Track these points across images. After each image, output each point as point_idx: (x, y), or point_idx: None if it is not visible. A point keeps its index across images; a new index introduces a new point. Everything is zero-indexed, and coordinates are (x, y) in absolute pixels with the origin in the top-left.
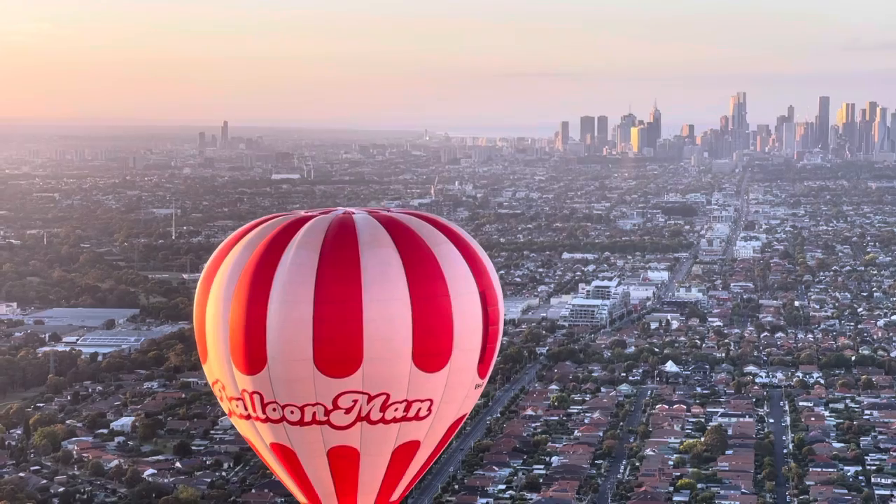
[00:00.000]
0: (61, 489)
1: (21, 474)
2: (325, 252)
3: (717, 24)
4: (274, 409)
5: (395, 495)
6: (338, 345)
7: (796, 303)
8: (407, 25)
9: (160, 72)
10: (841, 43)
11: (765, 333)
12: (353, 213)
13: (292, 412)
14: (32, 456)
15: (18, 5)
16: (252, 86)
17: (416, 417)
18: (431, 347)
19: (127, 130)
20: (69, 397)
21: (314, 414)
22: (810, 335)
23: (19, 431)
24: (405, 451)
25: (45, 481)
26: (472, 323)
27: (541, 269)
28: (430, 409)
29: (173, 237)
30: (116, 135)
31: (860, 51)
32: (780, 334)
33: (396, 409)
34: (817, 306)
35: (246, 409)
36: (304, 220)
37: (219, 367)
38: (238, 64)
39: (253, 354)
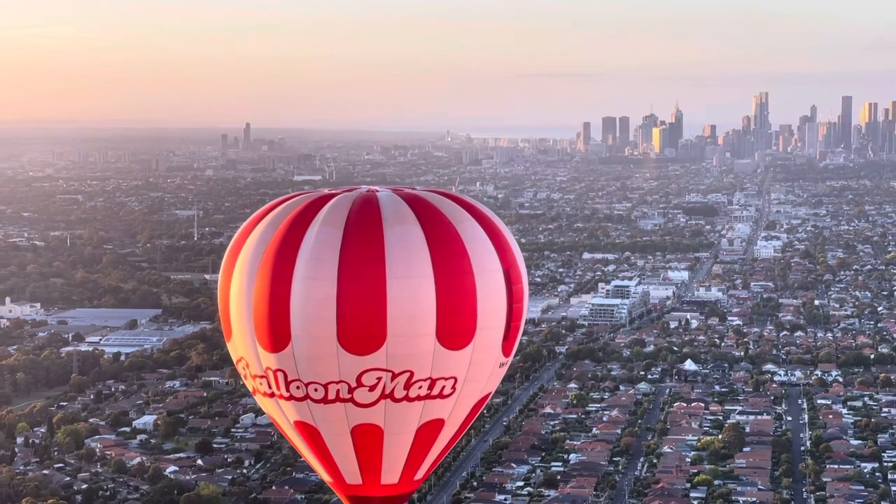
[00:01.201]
0: (84, 486)
1: (45, 471)
2: (349, 229)
3: (740, 24)
4: (298, 387)
5: (420, 474)
6: (361, 322)
7: (816, 302)
8: (429, 26)
9: (183, 74)
10: (864, 42)
11: (784, 332)
12: (377, 191)
13: (316, 390)
14: (56, 453)
15: (41, 8)
16: (274, 88)
17: (440, 395)
18: (455, 325)
19: (150, 132)
20: (92, 396)
21: (338, 392)
22: (830, 334)
23: (43, 429)
24: (429, 430)
25: (68, 478)
26: (496, 300)
27: (561, 269)
28: (454, 388)
29: (195, 238)
30: (139, 137)
31: (883, 50)
32: (799, 333)
33: (420, 387)
34: (837, 305)
35: (270, 386)
36: (328, 197)
37: (243, 345)
38: (260, 66)
39: (277, 331)
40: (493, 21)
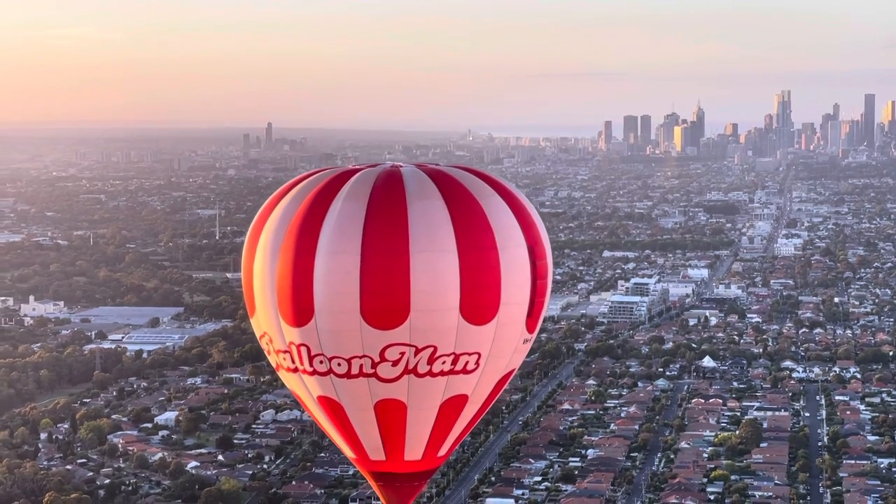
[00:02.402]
0: (107, 481)
1: (68, 467)
2: (373, 204)
3: (761, 23)
4: (321, 362)
5: (443, 450)
6: (385, 296)
7: (836, 299)
8: (450, 26)
9: (205, 74)
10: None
11: (803, 329)
12: (401, 167)
13: (339, 364)
14: (79, 449)
15: (63, 9)
16: (296, 87)
17: (464, 371)
18: (479, 300)
19: (172, 132)
20: (115, 393)
21: (361, 366)
22: (849, 331)
23: (66, 426)
24: (452, 406)
25: (91, 474)
26: (520, 276)
27: (581, 267)
28: (477, 363)
29: (217, 237)
30: (162, 137)
31: None
32: (818, 330)
33: (444, 362)
34: (857, 302)
35: (293, 361)
36: (352, 172)
37: (266, 320)
38: (282, 65)
39: (300, 306)
40: (515, 21)
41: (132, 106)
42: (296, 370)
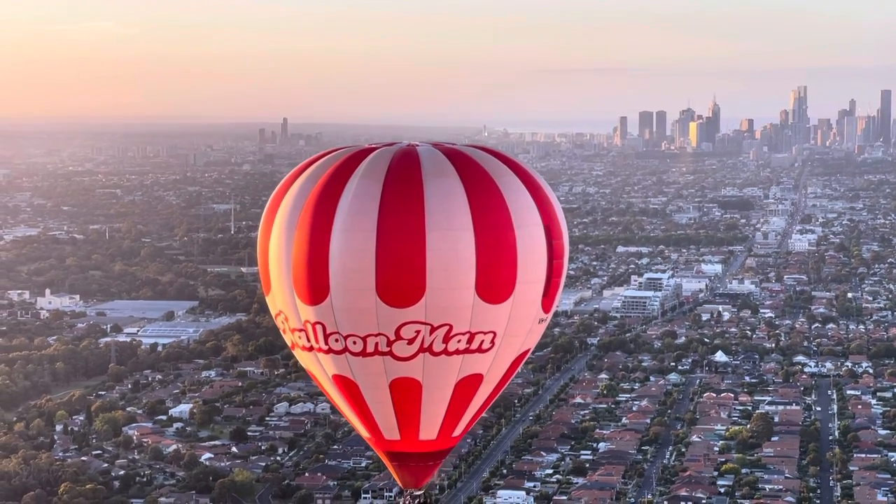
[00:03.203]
0: (122, 472)
1: (83, 458)
2: (389, 182)
3: (778, 19)
4: (336, 340)
5: (458, 430)
6: (400, 274)
7: (849, 295)
8: (466, 21)
9: (221, 69)
10: None
11: (816, 324)
12: (417, 146)
13: (354, 343)
14: (94, 441)
15: (81, 4)
16: (311, 82)
17: (479, 350)
18: (495, 278)
19: (188, 128)
20: (129, 385)
21: (376, 345)
22: (862, 326)
23: (82, 417)
24: (468, 385)
25: (106, 465)
26: (536, 255)
27: (595, 263)
28: (493, 342)
29: (232, 232)
30: (177, 132)
31: None
32: (831, 325)
33: (459, 341)
34: (870, 298)
35: (308, 340)
36: (368, 151)
37: (281, 298)
38: (298, 61)
39: (316, 284)
40: (531, 16)
41: (148, 101)
42: (311, 349)
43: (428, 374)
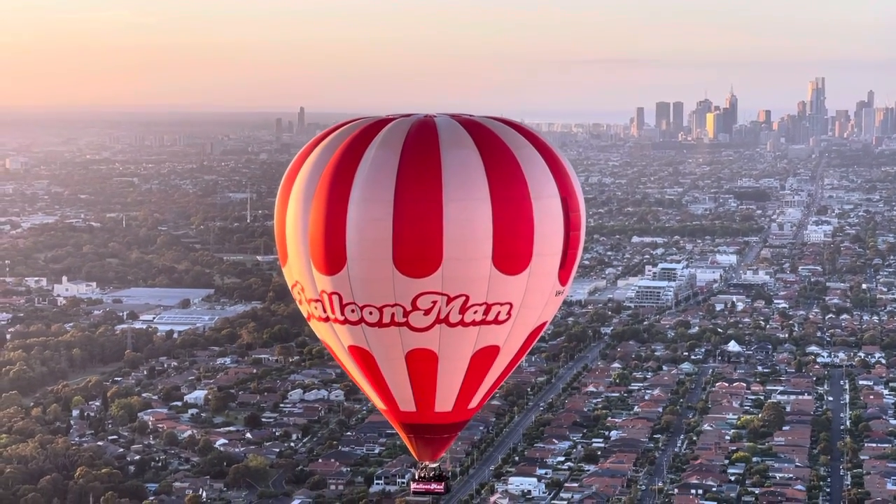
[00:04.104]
0: (137, 457)
1: (99, 443)
2: (406, 152)
3: (795, 9)
4: (353, 311)
5: (474, 402)
6: (417, 244)
7: (864, 286)
8: (483, 12)
9: (238, 58)
10: None
11: (830, 315)
12: (435, 117)
13: (371, 313)
14: (110, 426)
15: None
16: (328, 72)
17: (496, 321)
18: (512, 249)
19: (205, 117)
20: (145, 372)
21: (393, 315)
22: (875, 317)
23: (98, 403)
24: (484, 356)
25: (121, 450)
26: (553, 226)
27: (610, 253)
28: (509, 314)
29: (248, 220)
30: (194, 121)
31: None
32: (845, 316)
33: (476, 312)
34: (885, 289)
35: (325, 310)
36: (385, 122)
37: (298, 269)
38: (315, 50)
39: (332, 254)
40: (548, 6)
41: (165, 90)
42: (327, 319)
43: (444, 345)
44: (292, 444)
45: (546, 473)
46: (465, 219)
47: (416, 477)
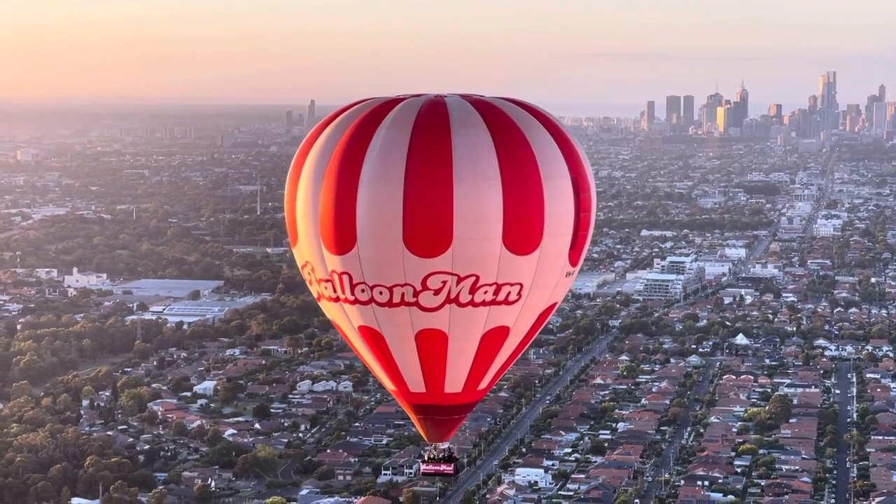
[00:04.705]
0: (146, 447)
1: (109, 433)
2: (417, 132)
3: (807, 4)
4: (363, 290)
5: (484, 383)
6: (428, 224)
7: (873, 279)
8: (494, 4)
9: (248, 50)
10: None
11: (838, 308)
12: (445, 97)
13: (381, 293)
14: (120, 416)
15: None
16: (339, 64)
17: (506, 302)
18: (522, 229)
19: (215, 109)
20: (155, 363)
21: (403, 295)
22: (884, 311)
23: (108, 393)
24: (494, 337)
25: (131, 439)
26: (564, 207)
27: (619, 246)
28: (519, 294)
29: (258, 213)
30: (205, 113)
31: None
32: (853, 310)
33: (486, 292)
34: (894, 283)
35: (335, 290)
36: (396, 101)
37: (308, 249)
38: (325, 43)
39: (342, 233)
40: (559, 1)
41: (176, 82)
42: (337, 299)
43: (454, 325)
44: (300, 435)
45: (553, 465)
46: (475, 199)
47: (426, 458)
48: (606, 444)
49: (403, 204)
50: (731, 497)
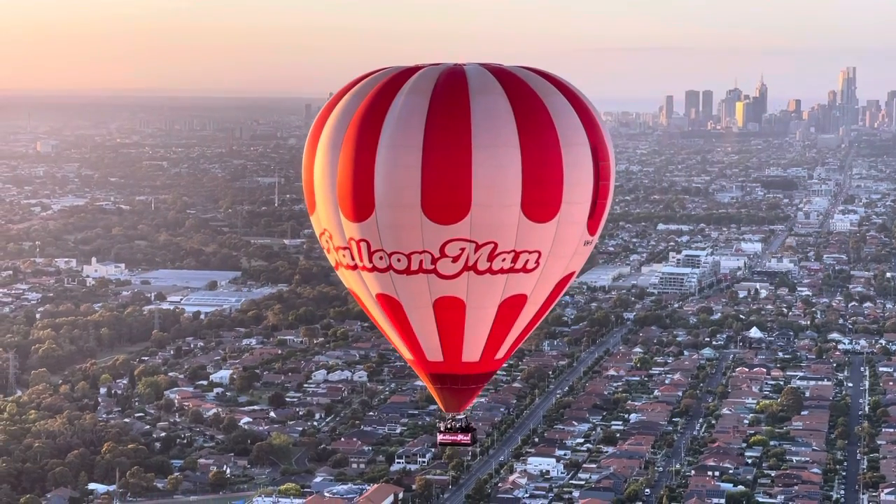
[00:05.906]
0: (163, 434)
1: (126, 420)
2: (436, 99)
3: None
4: (381, 258)
5: (501, 352)
6: (446, 190)
7: (888, 274)
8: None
9: (268, 44)
10: None
11: (853, 303)
12: (464, 65)
13: (399, 260)
14: (137, 403)
15: None
16: (357, 57)
17: (524, 269)
18: (541, 196)
19: (235, 102)
20: (172, 352)
21: (421, 262)
22: None
23: (125, 381)
24: (512, 305)
25: (148, 427)
26: (582, 175)
27: (635, 239)
28: (537, 262)
29: (276, 205)
30: (224, 106)
31: None
32: (868, 304)
33: (504, 260)
34: None
35: (353, 258)
36: (415, 69)
37: (326, 216)
38: (344, 35)
39: (360, 200)
40: None
41: (196, 74)
42: (355, 267)
43: (472, 293)
44: (315, 423)
45: (565, 455)
46: (494, 165)
47: (443, 428)
48: (618, 435)
49: (421, 171)
50: (740, 487)
